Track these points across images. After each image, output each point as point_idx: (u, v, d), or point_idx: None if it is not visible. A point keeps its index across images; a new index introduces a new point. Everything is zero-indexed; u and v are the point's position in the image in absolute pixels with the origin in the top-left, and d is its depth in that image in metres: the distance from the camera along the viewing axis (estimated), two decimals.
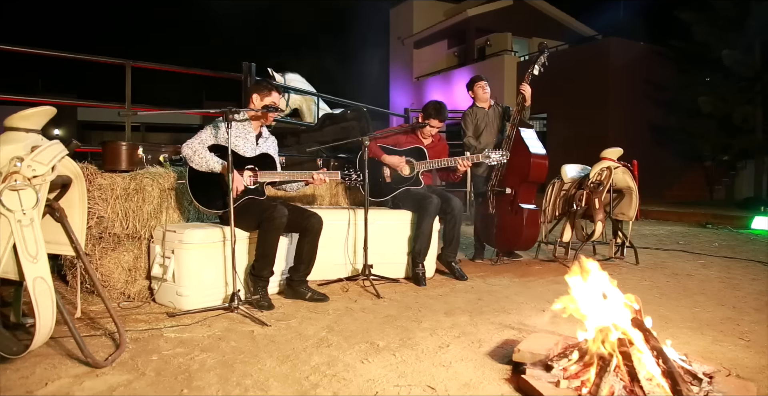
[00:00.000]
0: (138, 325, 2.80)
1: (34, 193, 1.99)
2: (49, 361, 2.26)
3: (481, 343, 2.56)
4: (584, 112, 13.39)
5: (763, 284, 3.95)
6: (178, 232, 3.10)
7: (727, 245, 6.19)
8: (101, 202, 3.20)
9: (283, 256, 3.56)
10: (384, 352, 2.42)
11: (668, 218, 9.36)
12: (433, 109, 4.18)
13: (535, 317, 3.02)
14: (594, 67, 13.34)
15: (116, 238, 3.27)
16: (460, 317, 3.01)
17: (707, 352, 2.45)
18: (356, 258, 3.99)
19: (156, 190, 3.31)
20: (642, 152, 12.99)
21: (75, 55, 4.36)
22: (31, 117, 2.10)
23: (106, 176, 3.24)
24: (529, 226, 4.53)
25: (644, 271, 4.47)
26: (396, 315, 3.05)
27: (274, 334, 2.68)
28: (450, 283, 3.96)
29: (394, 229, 4.07)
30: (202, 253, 3.11)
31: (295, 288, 3.35)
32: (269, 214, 3.09)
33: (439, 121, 4.16)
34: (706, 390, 1.89)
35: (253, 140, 3.37)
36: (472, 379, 2.11)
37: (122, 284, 3.29)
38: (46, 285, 1.96)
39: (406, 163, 4.10)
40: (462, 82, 17.16)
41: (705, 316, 3.05)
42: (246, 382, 2.06)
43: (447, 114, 4.21)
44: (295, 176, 3.33)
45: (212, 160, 3.11)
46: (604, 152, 4.72)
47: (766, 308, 3.24)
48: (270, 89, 3.35)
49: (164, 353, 2.38)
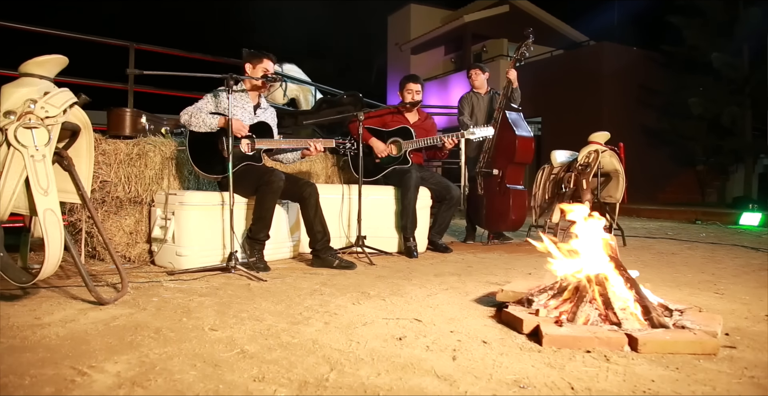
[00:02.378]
0: (138, 279, 2.91)
1: (46, 132, 2.11)
2: (55, 299, 2.37)
3: (468, 293, 2.68)
4: (578, 116, 13.58)
5: (743, 261, 4.08)
6: (178, 195, 3.23)
7: (714, 236, 6.32)
8: (105, 167, 3.32)
9: (283, 225, 3.68)
10: (375, 298, 2.54)
11: (659, 216, 9.50)
12: (404, 78, 4.39)
13: (522, 278, 3.14)
14: (588, 71, 13.55)
15: (119, 202, 3.38)
16: (449, 278, 3.13)
17: (683, 301, 2.57)
18: (350, 230, 4.12)
19: (158, 157, 3.44)
20: (635, 155, 13.19)
21: (79, 35, 4.51)
22: (45, 64, 2.23)
23: (110, 142, 3.36)
24: (517, 206, 4.65)
25: (630, 250, 4.59)
26: (387, 275, 3.17)
27: (269, 286, 2.79)
28: (441, 256, 4.07)
29: (387, 204, 4.19)
30: (202, 215, 3.23)
31: (321, 256, 3.42)
32: (267, 178, 3.21)
33: (413, 82, 4.30)
34: (676, 319, 2.01)
35: (251, 110, 3.49)
36: (457, 315, 2.22)
37: (123, 247, 3.40)
38: (55, 217, 2.07)
39: (393, 143, 4.23)
40: (459, 86, 17.39)
41: (684, 280, 3.17)
42: (242, 315, 2.16)
43: (421, 79, 4.38)
44: (291, 144, 3.45)
45: (209, 118, 3.23)
46: (591, 136, 4.87)
47: (743, 275, 3.36)
48: (261, 57, 3.45)
49: (165, 296, 2.49)
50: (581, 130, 13.29)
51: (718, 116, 10.39)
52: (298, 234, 3.84)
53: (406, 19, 20.54)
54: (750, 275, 3.36)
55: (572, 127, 13.74)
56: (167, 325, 2.00)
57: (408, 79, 4.32)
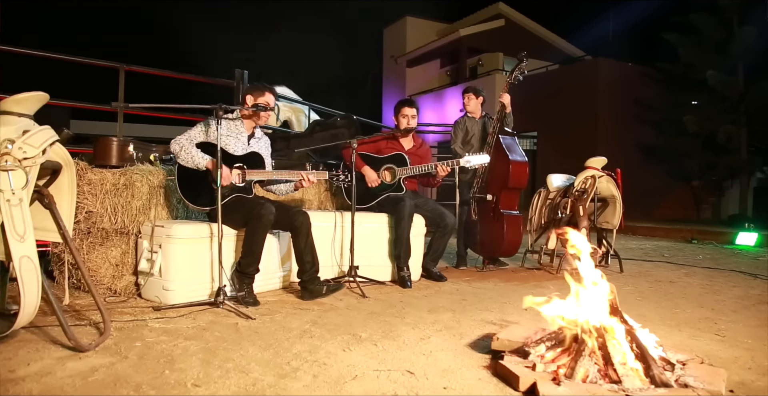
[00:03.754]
0: (123, 317, 2.81)
1: (24, 175, 2.03)
2: (33, 345, 2.28)
3: (463, 335, 2.60)
4: (574, 130, 13.58)
5: (742, 290, 4.02)
6: (166, 227, 3.14)
7: (711, 258, 6.27)
8: (90, 196, 3.23)
9: (274, 255, 3.60)
10: (366, 342, 2.45)
11: (655, 234, 9.45)
12: (399, 102, 4.32)
13: (517, 315, 3.06)
14: (583, 86, 13.57)
15: (104, 233, 3.29)
16: (444, 314, 3.05)
17: (683, 345, 2.50)
18: (342, 260, 4.03)
19: (145, 187, 3.35)
20: (630, 171, 13.10)
21: (70, 57, 4.43)
22: (24, 101, 2.15)
23: (96, 172, 3.28)
24: (511, 232, 4.58)
25: (627, 278, 4.52)
26: (380, 311, 3.08)
27: (258, 326, 2.70)
28: (435, 286, 3.99)
29: (380, 232, 4.12)
30: (189, 248, 3.14)
31: (309, 288, 3.34)
32: (257, 211, 3.13)
33: (408, 107, 4.24)
34: (678, 374, 1.93)
35: (244, 140, 3.42)
36: (451, 365, 2.14)
37: (109, 279, 3.30)
38: (32, 264, 1.99)
39: (387, 169, 4.16)
40: (454, 100, 17.39)
41: (683, 316, 3.10)
42: (227, 366, 2.08)
43: (416, 104, 4.32)
44: (283, 175, 3.38)
45: (197, 156, 3.16)
46: (588, 161, 4.82)
47: (743, 310, 3.30)
48: (264, 90, 3.40)
49: (148, 340, 2.39)
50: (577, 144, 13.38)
51: (714, 134, 10.39)
52: (289, 264, 3.75)
53: (402, 31, 20.59)
54: (750, 311, 3.29)
55: (568, 141, 13.75)
56: (148, 379, 1.91)
57: (403, 104, 4.26)
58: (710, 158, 10.90)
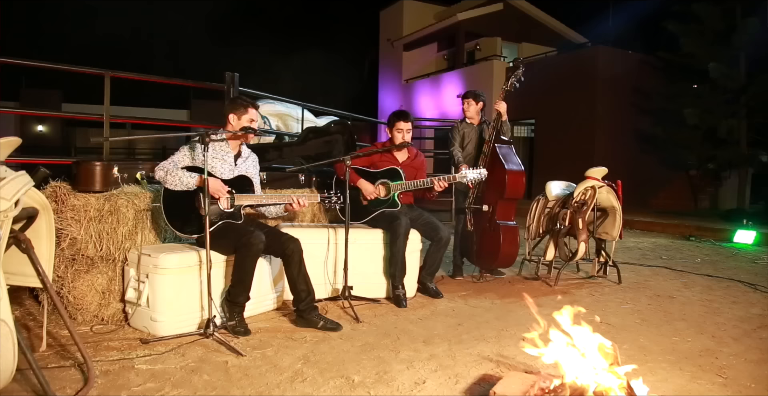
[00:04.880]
0: (110, 354, 2.73)
1: None
2: None
3: (458, 378, 2.53)
4: (572, 118, 13.44)
5: (742, 308, 3.96)
6: (152, 256, 3.03)
7: (709, 261, 6.22)
8: (74, 223, 3.13)
9: (266, 278, 3.52)
10: (359, 388, 2.38)
11: (653, 229, 9.40)
12: (394, 115, 4.18)
13: (514, 347, 3.00)
14: (582, 74, 13.38)
15: (89, 261, 3.19)
16: (439, 346, 2.98)
17: (685, 390, 2.44)
18: (336, 278, 3.94)
19: (131, 212, 3.24)
20: (628, 160, 13.14)
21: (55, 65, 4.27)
22: None
23: (80, 197, 3.16)
24: (508, 244, 4.49)
25: (626, 291, 4.46)
26: (374, 343, 3.01)
27: (248, 365, 2.63)
28: (431, 305, 3.92)
29: (375, 249, 4.03)
30: (178, 279, 3.05)
31: (305, 317, 3.26)
32: (246, 240, 3.03)
33: (403, 121, 4.11)
34: None
35: (231, 161, 3.30)
36: None
37: (95, 307, 3.22)
38: (7, 328, 1.89)
39: (382, 184, 4.05)
40: (451, 85, 17.17)
41: (684, 348, 3.04)
42: None
43: (411, 117, 4.18)
44: (273, 199, 3.27)
45: (185, 177, 3.04)
46: (588, 171, 4.71)
47: (744, 338, 3.24)
48: (246, 106, 3.26)
49: (134, 389, 2.32)
50: (575, 132, 13.25)
51: (714, 127, 10.26)
52: (281, 284, 3.67)
53: (399, 14, 20.20)
54: (751, 339, 3.23)
55: (566, 129, 13.62)
56: None
57: (398, 118, 4.12)
58: (709, 150, 10.79)
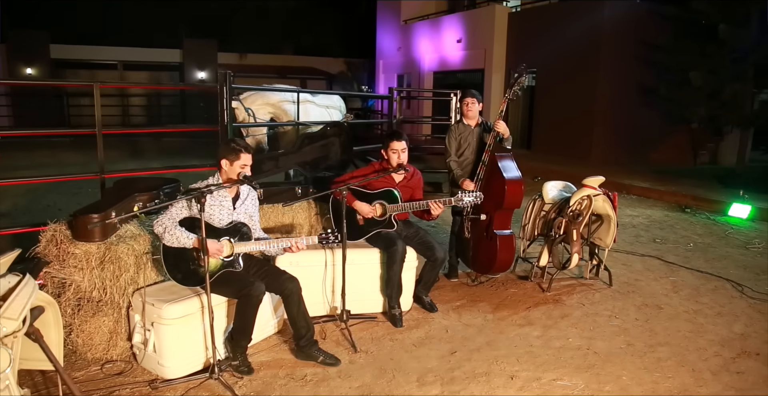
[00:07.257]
0: None
1: (8, 354, 1.99)
2: None
3: None
4: (574, 67, 13.12)
5: (725, 325, 4.11)
6: (156, 306, 3.13)
7: (701, 245, 6.36)
8: (76, 271, 3.21)
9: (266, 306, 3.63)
10: None
11: (650, 195, 9.48)
12: (387, 137, 4.17)
13: (504, 387, 3.18)
14: (587, 22, 12.91)
15: (95, 305, 3.29)
16: (432, 386, 3.16)
17: None
18: (334, 297, 4.07)
19: (131, 258, 3.30)
20: (630, 112, 12.97)
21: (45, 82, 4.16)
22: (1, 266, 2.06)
23: (80, 245, 3.22)
24: (504, 252, 4.59)
25: (616, 298, 4.61)
26: (371, 384, 3.18)
27: None
28: (426, 323, 4.08)
29: (372, 268, 4.14)
30: (182, 328, 3.16)
31: (306, 351, 3.41)
32: (246, 291, 3.12)
33: (397, 141, 4.07)
34: None
35: (229, 206, 3.31)
36: None
37: (104, 347, 3.35)
38: None
39: (379, 204, 4.08)
40: (451, 29, 16.57)
41: (664, 387, 3.22)
42: None
43: (405, 136, 4.14)
44: (271, 244, 3.32)
45: (183, 236, 3.09)
46: (585, 180, 4.71)
47: (722, 373, 3.40)
48: (238, 152, 3.21)
49: None
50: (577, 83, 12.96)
51: (719, 90, 10.04)
52: (281, 310, 3.80)
53: None
54: (729, 374, 3.38)
55: (567, 80, 13.32)
56: None
57: (391, 138, 4.07)
58: (713, 110, 10.61)
